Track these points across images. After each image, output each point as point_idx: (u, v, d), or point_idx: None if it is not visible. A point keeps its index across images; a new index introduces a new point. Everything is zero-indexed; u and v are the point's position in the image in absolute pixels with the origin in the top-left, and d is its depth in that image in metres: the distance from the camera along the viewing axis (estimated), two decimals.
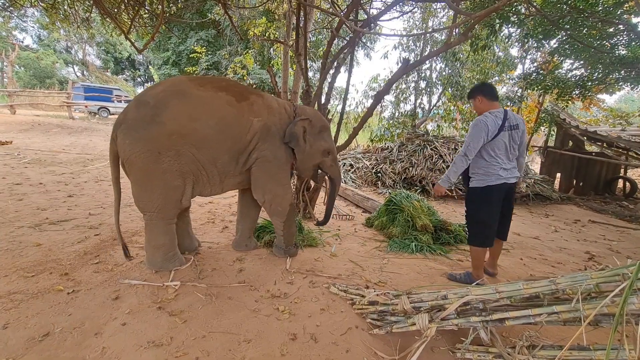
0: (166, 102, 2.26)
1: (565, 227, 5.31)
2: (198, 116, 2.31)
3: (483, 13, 2.12)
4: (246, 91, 2.63)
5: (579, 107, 14.27)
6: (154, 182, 2.30)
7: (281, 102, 2.84)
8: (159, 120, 2.21)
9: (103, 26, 8.03)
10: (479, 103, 2.66)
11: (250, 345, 1.79)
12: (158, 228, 2.44)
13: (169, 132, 2.22)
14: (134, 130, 2.22)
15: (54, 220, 3.47)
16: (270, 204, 2.72)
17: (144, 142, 2.21)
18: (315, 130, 2.86)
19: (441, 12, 10.33)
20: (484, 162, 2.58)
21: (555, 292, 1.47)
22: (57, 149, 8.22)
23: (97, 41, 27.47)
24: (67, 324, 1.85)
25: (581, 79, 7.27)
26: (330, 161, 2.99)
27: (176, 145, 2.26)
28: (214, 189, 2.60)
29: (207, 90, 2.41)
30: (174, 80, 2.49)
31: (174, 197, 2.39)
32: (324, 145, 2.91)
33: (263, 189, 2.68)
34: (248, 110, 2.51)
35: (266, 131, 2.57)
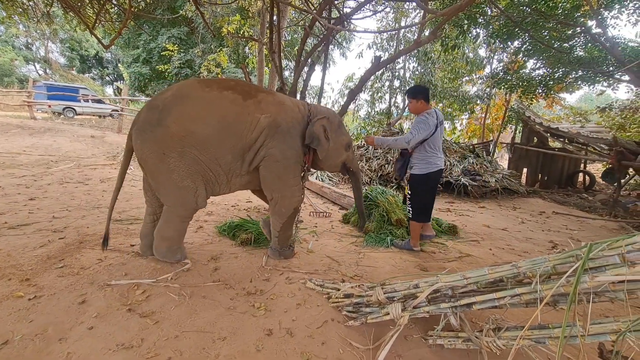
0: (171, 106, 2.33)
1: (531, 219, 5.59)
2: (199, 117, 2.33)
3: (448, 11, 2.20)
4: (255, 89, 2.62)
5: (543, 105, 15.05)
6: (163, 180, 2.40)
7: (295, 101, 2.81)
8: (163, 124, 2.29)
9: (66, 21, 7.64)
10: (420, 105, 3.09)
11: (224, 342, 1.76)
12: (173, 221, 2.53)
13: (172, 134, 2.29)
14: (143, 132, 2.35)
15: (13, 224, 3.26)
16: (276, 203, 2.69)
17: (151, 143, 2.32)
18: (335, 127, 2.85)
19: (413, 12, 10.58)
20: (425, 153, 3.07)
21: (518, 276, 1.55)
22: (17, 151, 7.73)
23: (61, 38, 26.09)
24: (28, 330, 1.75)
25: (544, 78, 7.68)
26: (352, 154, 3.01)
27: (178, 147, 2.31)
28: (222, 188, 2.61)
29: (211, 91, 2.42)
30: (183, 83, 2.53)
31: (186, 197, 2.43)
32: (345, 140, 2.92)
33: (272, 187, 2.66)
34: (255, 107, 2.48)
35: (275, 127, 2.52)
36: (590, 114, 12.65)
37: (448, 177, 7.17)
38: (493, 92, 11.75)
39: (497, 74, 8.61)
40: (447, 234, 4.01)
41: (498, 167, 8.42)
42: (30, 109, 13.54)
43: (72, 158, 7.53)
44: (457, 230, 4.12)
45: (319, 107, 2.93)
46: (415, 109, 3.12)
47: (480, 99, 11.64)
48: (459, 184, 6.97)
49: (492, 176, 7.39)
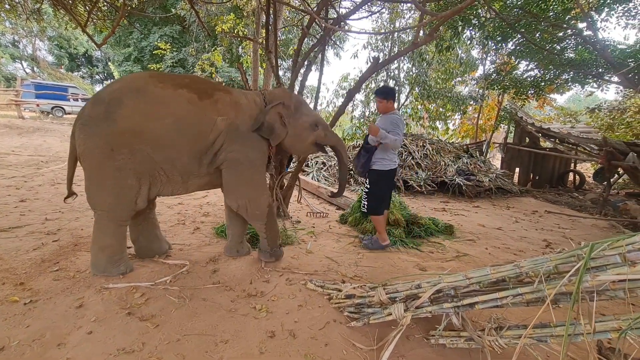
0: (121, 100, 2.19)
1: (524, 218, 5.67)
2: (153, 115, 2.20)
3: (448, 13, 2.22)
4: (211, 88, 2.48)
5: (534, 105, 15.29)
6: (106, 179, 2.23)
7: (250, 96, 2.66)
8: (112, 118, 2.15)
9: (56, 19, 7.50)
10: (390, 105, 3.24)
11: (227, 345, 1.75)
12: (107, 228, 2.34)
13: (121, 130, 2.16)
14: (88, 127, 2.19)
15: (5, 227, 3.19)
16: (247, 208, 2.57)
17: (97, 138, 2.17)
18: (291, 110, 2.68)
19: (407, 13, 10.65)
20: (387, 151, 3.18)
21: (520, 275, 1.57)
22: (5, 151, 7.55)
23: (49, 35, 25.56)
24: (24, 336, 1.72)
25: (535, 79, 7.80)
26: (322, 131, 2.79)
27: (130, 144, 2.18)
28: (175, 188, 2.47)
29: (166, 88, 2.28)
30: (133, 76, 2.38)
31: (128, 197, 2.29)
32: (307, 120, 2.72)
33: (235, 194, 2.54)
34: (211, 108, 2.36)
35: (234, 131, 2.42)
36: (580, 115, 12.90)
37: (443, 177, 7.23)
38: (486, 93, 11.90)
39: (490, 75, 8.72)
40: (443, 234, 4.04)
41: (491, 166, 8.52)
42: (18, 108, 13.25)
43: (62, 158, 7.38)
44: (453, 229, 4.16)
45: (274, 92, 2.78)
46: (385, 108, 3.25)
47: (473, 100, 11.77)
48: (454, 184, 7.03)
49: (486, 176, 7.47)
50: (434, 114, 12.45)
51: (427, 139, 8.91)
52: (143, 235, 2.72)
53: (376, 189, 3.25)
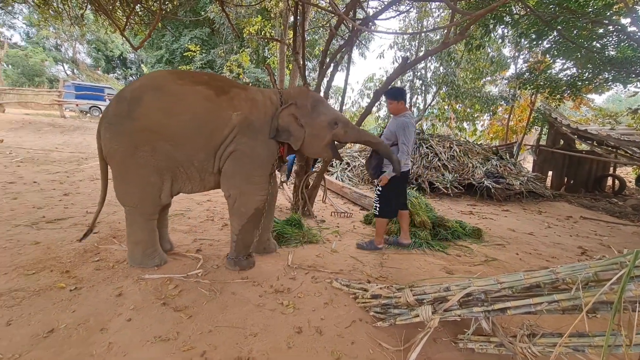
0: (141, 97, 2.24)
1: (557, 223, 5.42)
2: (171, 111, 2.24)
3: (481, 12, 2.17)
4: (228, 85, 2.49)
5: (570, 106, 14.53)
6: (130, 176, 2.32)
7: (267, 93, 2.61)
8: (133, 116, 2.21)
9: (96, 23, 7.94)
10: (400, 106, 3.15)
11: (256, 338, 1.80)
12: (137, 223, 2.44)
13: (142, 128, 2.22)
14: (112, 125, 2.26)
15: (51, 218, 3.43)
16: (234, 200, 2.47)
17: (121, 136, 2.24)
18: (307, 110, 2.56)
19: (436, 11, 10.43)
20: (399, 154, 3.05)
21: (555, 282, 1.52)
22: (50, 148, 8.10)
23: (88, 39, 27.07)
24: (71, 320, 1.85)
25: (572, 78, 7.42)
26: (341, 129, 2.62)
27: (151, 141, 2.24)
28: (194, 186, 2.51)
29: (184, 85, 2.32)
30: (153, 74, 2.45)
31: (152, 193, 2.36)
32: (325, 119, 2.58)
33: (230, 182, 2.46)
34: (227, 104, 2.37)
35: (246, 125, 2.40)
36: (621, 116, 12.13)
37: (470, 179, 7.03)
38: (518, 93, 11.44)
39: (523, 74, 8.37)
40: (471, 237, 3.94)
41: (522, 169, 8.20)
42: (61, 107, 14.15)
43: None
44: (481, 233, 4.05)
45: (290, 91, 2.68)
46: (396, 109, 3.18)
47: (504, 100, 11.35)
48: (482, 187, 6.83)
49: (517, 179, 7.20)
50: (462, 115, 12.12)
51: (454, 140, 8.70)
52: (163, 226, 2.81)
53: (387, 192, 3.19)
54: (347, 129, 2.66)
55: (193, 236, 3.30)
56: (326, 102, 2.78)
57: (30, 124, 11.05)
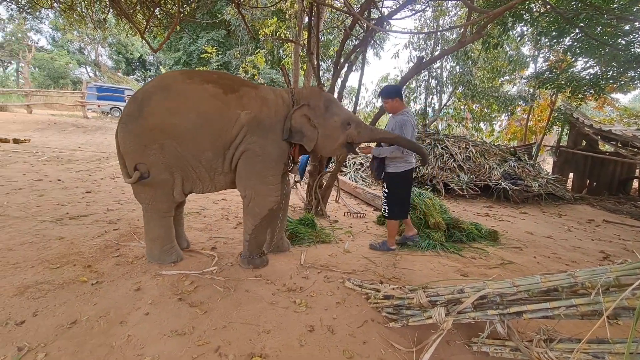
0: (150, 97, 2.28)
1: (578, 227, 5.25)
2: (178, 110, 2.26)
3: (499, 10, 2.13)
4: (237, 83, 2.47)
5: (593, 106, 14.03)
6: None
7: (278, 92, 2.59)
8: (142, 115, 2.26)
9: (118, 27, 8.20)
10: (397, 103, 3.11)
11: (269, 335, 1.83)
12: (153, 220, 2.49)
13: (151, 126, 2.25)
14: (125, 124, 2.32)
15: (74, 215, 3.57)
16: (249, 201, 2.49)
17: (133, 135, 2.30)
18: (320, 110, 2.54)
19: (452, 10, 10.27)
20: (405, 152, 3.02)
21: (574, 286, 1.48)
22: (73, 147, 8.41)
23: (110, 42, 27.95)
24: (93, 312, 1.92)
25: (595, 77, 7.17)
26: (354, 130, 2.61)
27: (159, 140, 2.27)
28: (205, 186, 2.52)
29: (192, 83, 2.32)
30: (164, 74, 2.49)
31: (164, 190, 2.40)
32: (338, 120, 2.56)
33: (245, 183, 2.47)
34: (236, 103, 2.35)
35: (256, 124, 2.37)
36: None
37: (487, 180, 6.89)
38: (537, 93, 11.12)
39: (543, 73, 8.14)
40: (487, 240, 3.87)
41: (542, 171, 7.97)
42: (83, 108, 14.67)
43: None
44: (497, 236, 3.97)
45: (302, 91, 2.64)
46: (393, 108, 3.14)
47: (523, 100, 11.06)
48: (499, 188, 6.68)
49: (535, 180, 7.01)
50: (478, 115, 11.88)
51: (470, 140, 8.55)
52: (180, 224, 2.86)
53: (395, 192, 3.16)
54: (360, 129, 2.64)
55: (208, 234, 3.37)
56: (338, 102, 2.75)
57: (55, 124, 11.51)
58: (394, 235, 3.31)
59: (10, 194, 4.07)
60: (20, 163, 5.93)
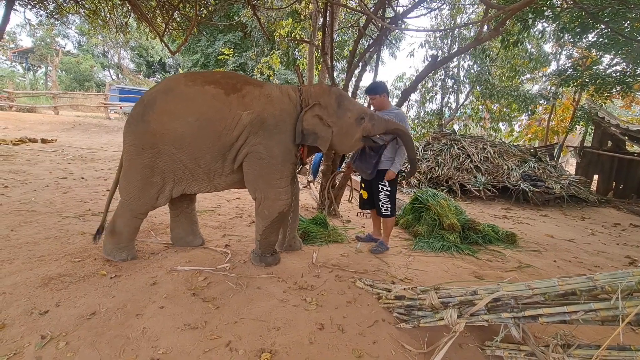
0: (153, 101, 2.30)
1: (603, 231, 5.05)
2: (178, 114, 2.25)
3: (517, 5, 2.08)
4: (241, 82, 2.41)
5: (619, 105, 13.44)
6: (134, 173, 2.37)
7: (285, 90, 2.51)
8: (145, 119, 2.28)
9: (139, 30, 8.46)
10: (384, 99, 3.06)
11: (279, 332, 1.85)
12: (124, 217, 2.48)
13: (152, 131, 2.27)
14: (128, 125, 2.37)
15: (96, 211, 3.70)
16: (260, 203, 2.49)
17: (133, 136, 2.33)
18: (333, 108, 2.48)
19: (470, 8, 10.07)
20: (400, 149, 2.97)
21: (593, 290, 1.43)
22: (96, 147, 8.73)
23: (131, 45, 28.85)
24: (111, 305, 1.99)
25: (622, 74, 6.87)
26: (369, 122, 2.57)
27: (158, 145, 2.28)
28: (202, 187, 2.49)
29: (194, 86, 2.30)
30: (170, 77, 2.48)
31: (149, 193, 2.40)
32: (352, 116, 2.52)
33: (254, 187, 2.46)
34: (237, 103, 2.30)
35: (259, 124, 2.32)
36: None
37: (505, 182, 6.72)
38: (559, 91, 10.74)
39: (565, 71, 7.85)
40: (504, 242, 3.77)
41: (564, 172, 7.70)
42: (106, 110, 15.20)
43: None
44: (515, 238, 3.85)
45: (311, 89, 2.55)
46: (381, 104, 3.08)
47: (544, 99, 10.70)
48: (518, 190, 6.50)
49: (557, 182, 6.78)
50: (497, 115, 11.58)
51: (488, 141, 8.35)
52: (180, 228, 2.89)
53: (394, 191, 3.12)
54: (374, 121, 2.61)
55: (222, 232, 3.43)
56: (349, 96, 2.65)
57: (80, 124, 11.98)
58: (389, 234, 3.29)
59: (37, 191, 4.27)
60: (47, 162, 6.21)
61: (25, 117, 12.36)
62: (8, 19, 4.45)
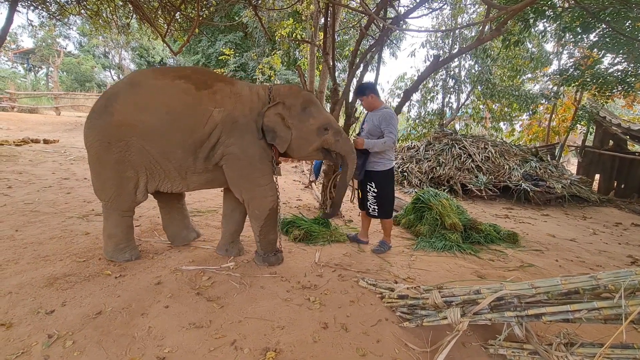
0: (118, 93, 2.25)
1: (604, 230, 5.05)
2: (146, 106, 2.20)
3: (519, 6, 2.09)
4: (212, 79, 2.38)
5: (621, 104, 13.43)
6: (106, 171, 2.30)
7: (255, 89, 2.48)
8: (109, 111, 2.21)
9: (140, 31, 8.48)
10: (372, 99, 3.04)
11: (283, 331, 1.86)
12: (112, 218, 2.45)
13: (117, 123, 2.20)
14: (90, 119, 2.29)
15: (99, 211, 3.70)
16: (249, 205, 2.48)
17: (97, 131, 2.25)
18: (296, 110, 2.43)
19: (471, 8, 10.07)
20: (387, 150, 2.97)
21: (596, 288, 1.44)
22: None
23: (132, 46, 28.88)
24: (116, 304, 2.00)
25: (623, 74, 6.86)
26: (332, 137, 2.49)
27: (125, 137, 2.21)
28: (174, 185, 2.43)
29: (163, 79, 2.27)
30: (138, 71, 2.43)
31: (127, 189, 2.35)
32: (315, 123, 2.44)
33: (239, 189, 2.45)
34: (208, 99, 2.27)
35: (230, 123, 2.29)
36: None
37: (506, 181, 6.72)
38: (561, 91, 10.73)
39: (567, 70, 7.85)
40: (506, 242, 3.78)
41: (565, 172, 7.70)
42: None
43: None
44: (517, 238, 3.86)
45: (280, 87, 2.51)
46: (370, 105, 3.06)
47: (546, 98, 10.70)
48: (519, 189, 6.50)
49: (559, 182, 6.78)
50: (498, 114, 11.58)
51: (489, 140, 8.35)
52: (174, 224, 2.88)
53: (385, 191, 3.09)
54: (339, 137, 2.53)
55: None
56: (319, 104, 2.58)
57: (81, 125, 11.96)
58: (390, 233, 3.29)
59: (41, 192, 4.28)
60: (49, 162, 6.23)
61: (27, 118, 12.40)
62: (11, 20, 4.47)
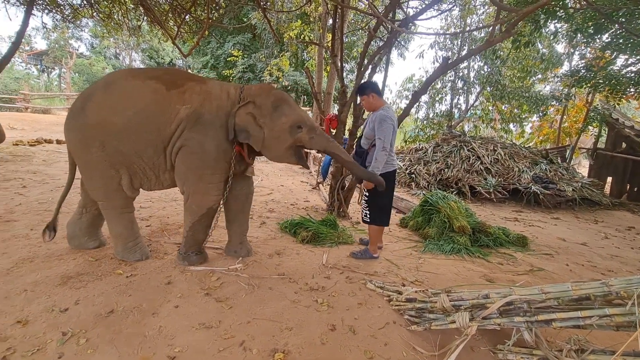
0: (92, 94, 2.29)
1: (617, 234, 4.96)
2: (117, 108, 2.24)
3: (531, 8, 2.07)
4: (183, 79, 2.41)
5: (635, 106, 13.16)
6: (90, 171, 2.36)
7: (225, 87, 2.48)
8: (84, 112, 2.27)
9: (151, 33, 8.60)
10: (372, 99, 2.88)
11: (291, 332, 1.87)
12: (111, 217, 2.49)
13: (92, 124, 2.25)
14: (68, 119, 2.35)
15: None
16: (188, 197, 2.45)
17: (75, 132, 2.31)
18: (267, 110, 2.39)
19: (481, 9, 9.99)
20: (377, 152, 2.74)
21: (608, 295, 1.42)
22: None
23: (142, 48, 29.30)
24: (127, 303, 2.04)
25: (638, 75, 6.73)
26: (306, 134, 2.43)
27: (99, 137, 2.25)
28: (152, 184, 2.50)
29: (135, 80, 2.31)
30: (113, 72, 2.47)
31: (112, 187, 2.38)
32: (287, 122, 2.39)
33: (183, 180, 2.42)
34: (177, 98, 2.29)
35: (195, 118, 2.30)
36: None
37: (516, 184, 6.65)
38: (572, 92, 10.57)
39: (578, 72, 7.72)
40: (515, 245, 3.74)
41: (576, 174, 7.59)
42: None
43: None
44: (526, 241, 3.82)
45: (251, 87, 2.50)
46: (370, 105, 2.92)
47: (556, 100, 10.54)
48: (529, 192, 6.42)
49: (569, 185, 6.68)
50: (508, 116, 11.46)
51: (498, 142, 8.27)
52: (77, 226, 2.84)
53: (376, 197, 2.88)
54: (313, 134, 2.45)
55: None
56: (293, 102, 2.52)
57: None
58: (375, 242, 3.07)
59: (54, 191, 4.38)
60: (62, 162, 6.35)
61: (40, 119, 12.67)
62: (27, 23, 4.58)
